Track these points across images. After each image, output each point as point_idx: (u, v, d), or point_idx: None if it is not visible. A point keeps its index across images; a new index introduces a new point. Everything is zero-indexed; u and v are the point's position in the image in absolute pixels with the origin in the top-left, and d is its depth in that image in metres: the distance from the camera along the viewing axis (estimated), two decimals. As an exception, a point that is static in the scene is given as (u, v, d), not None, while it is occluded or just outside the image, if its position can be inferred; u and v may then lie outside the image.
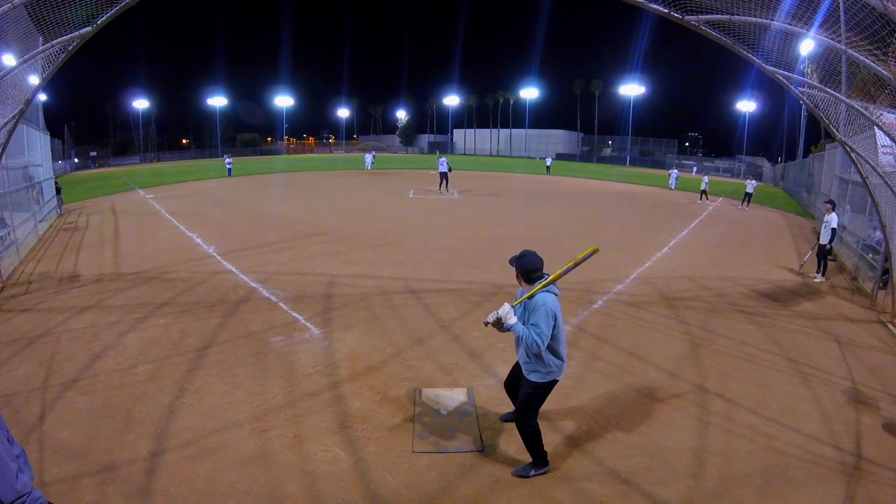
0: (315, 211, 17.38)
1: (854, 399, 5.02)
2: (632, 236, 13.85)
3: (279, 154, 69.52)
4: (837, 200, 13.00)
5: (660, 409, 4.72)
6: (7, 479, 2.26)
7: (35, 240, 12.11)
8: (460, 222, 15.30)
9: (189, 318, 6.76)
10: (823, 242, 9.44)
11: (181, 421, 4.36)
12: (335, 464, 3.84)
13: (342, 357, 5.68)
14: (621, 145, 66.35)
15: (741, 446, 4.18)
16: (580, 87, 73.23)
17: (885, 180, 7.39)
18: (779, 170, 40.48)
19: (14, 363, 5.40)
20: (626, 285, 8.83)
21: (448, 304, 7.56)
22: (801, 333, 6.81)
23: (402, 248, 11.36)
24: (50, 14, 5.86)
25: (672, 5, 5.82)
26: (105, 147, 54.50)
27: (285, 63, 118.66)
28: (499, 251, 10.91)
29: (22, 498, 2.30)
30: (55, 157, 27.81)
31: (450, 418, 4.49)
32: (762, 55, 6.32)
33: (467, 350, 5.92)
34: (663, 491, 3.62)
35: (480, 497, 3.53)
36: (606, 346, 6.16)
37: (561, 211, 18.69)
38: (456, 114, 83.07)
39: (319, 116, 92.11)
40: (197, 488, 3.54)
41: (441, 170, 22.69)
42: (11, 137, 7.78)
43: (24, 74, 7.17)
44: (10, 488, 2.26)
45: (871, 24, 5.34)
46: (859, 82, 6.47)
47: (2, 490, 2.24)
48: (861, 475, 3.84)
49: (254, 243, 11.73)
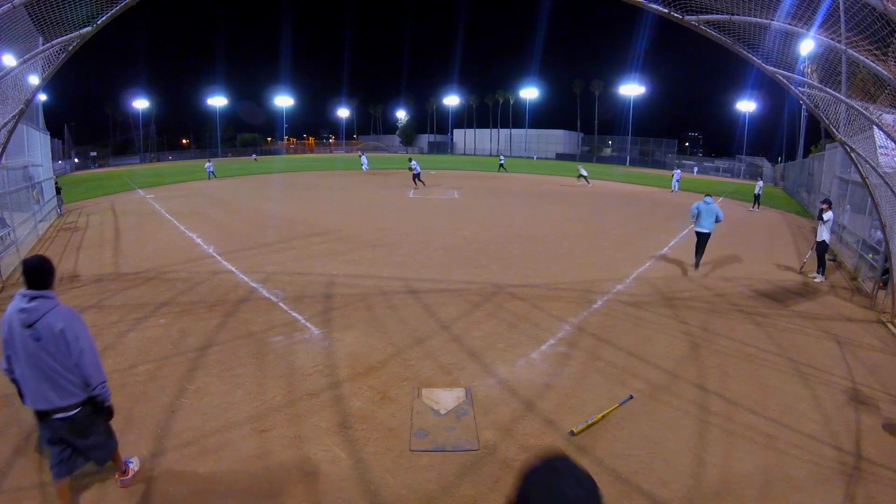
0: (315, 211, 17.38)
1: (854, 399, 5.02)
2: (632, 236, 13.85)
3: (279, 154, 69.51)
4: (837, 200, 13.02)
5: (660, 409, 4.72)
6: (99, 362, 3.11)
7: (35, 240, 12.12)
8: (460, 222, 15.30)
9: (189, 318, 6.76)
10: (822, 239, 9.44)
11: (181, 421, 4.36)
12: (335, 464, 3.84)
13: (342, 357, 5.68)
14: (621, 145, 66.35)
15: (741, 446, 4.19)
16: (580, 87, 73.26)
17: (885, 180, 7.39)
18: (779, 170, 40.47)
19: (14, 363, 5.40)
20: (626, 285, 8.83)
21: (448, 304, 7.56)
22: (801, 333, 6.81)
23: (402, 248, 11.36)
24: (50, 14, 5.85)
25: (672, 5, 5.82)
26: (105, 147, 54.57)
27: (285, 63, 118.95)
28: (499, 251, 10.91)
29: (104, 383, 3.14)
30: (55, 157, 27.82)
31: (448, 418, 4.49)
32: (762, 55, 6.32)
33: (467, 350, 5.93)
34: (663, 491, 3.62)
35: (480, 497, 3.53)
36: (606, 346, 6.16)
37: (561, 211, 18.69)
38: (456, 114, 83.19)
39: (319, 116, 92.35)
40: (197, 488, 3.54)
41: (414, 171, 24.80)
42: (11, 137, 7.77)
43: (24, 74, 7.17)
44: (100, 372, 3.11)
45: (871, 24, 5.35)
46: (859, 82, 6.47)
47: (98, 371, 3.08)
48: (861, 475, 3.84)
49: (254, 243, 11.74)
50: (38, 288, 2.96)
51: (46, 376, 2.94)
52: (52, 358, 2.92)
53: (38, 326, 2.89)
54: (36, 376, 2.94)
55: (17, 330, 2.91)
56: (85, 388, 3.06)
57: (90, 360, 3.02)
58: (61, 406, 3.01)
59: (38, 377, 2.94)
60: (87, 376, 3.03)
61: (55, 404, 2.99)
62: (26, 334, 2.89)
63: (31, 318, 2.89)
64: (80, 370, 3.00)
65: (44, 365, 2.93)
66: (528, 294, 8.07)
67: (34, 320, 2.89)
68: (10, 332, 2.94)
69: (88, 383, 3.05)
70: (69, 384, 3.00)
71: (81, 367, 2.99)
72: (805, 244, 13.03)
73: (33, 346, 2.90)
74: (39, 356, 2.91)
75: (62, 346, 2.92)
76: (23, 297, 2.94)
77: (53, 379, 2.95)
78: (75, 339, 2.95)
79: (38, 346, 2.90)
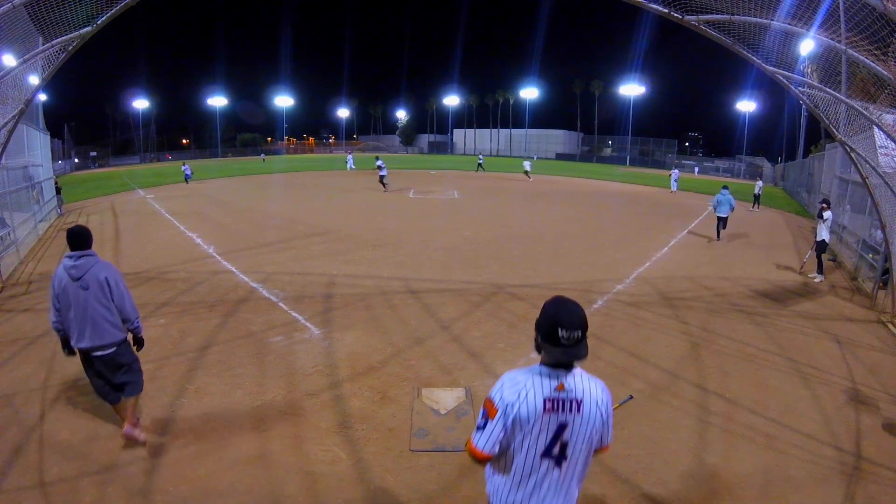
0: (315, 211, 17.38)
1: (854, 399, 5.02)
2: (632, 236, 13.85)
3: (279, 154, 69.51)
4: (837, 200, 13.03)
5: (660, 409, 4.72)
6: (134, 303, 3.86)
7: (35, 240, 12.12)
8: (460, 222, 15.30)
9: (189, 318, 6.76)
10: (821, 238, 9.51)
11: (181, 421, 4.36)
12: (335, 464, 3.84)
13: (342, 357, 5.68)
14: (621, 145, 66.33)
15: (741, 446, 4.18)
16: (580, 87, 73.26)
17: (885, 180, 7.39)
18: (779, 170, 40.47)
19: (14, 363, 5.40)
20: (626, 285, 8.83)
21: (448, 304, 7.56)
22: (801, 333, 6.81)
23: (402, 248, 11.36)
24: (50, 14, 5.85)
25: (672, 5, 5.82)
26: (105, 147, 54.60)
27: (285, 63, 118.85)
28: (499, 251, 10.91)
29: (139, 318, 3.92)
30: (55, 157, 27.81)
31: (448, 418, 4.49)
32: (762, 55, 6.32)
33: (467, 350, 5.93)
34: (663, 491, 3.62)
35: (480, 497, 3.52)
36: (606, 346, 6.16)
37: (561, 211, 18.69)
38: (456, 114, 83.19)
39: (319, 116, 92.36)
40: (197, 488, 3.54)
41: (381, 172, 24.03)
42: (11, 137, 7.78)
43: (24, 74, 7.17)
44: (136, 310, 3.89)
45: (871, 24, 5.34)
46: (859, 82, 6.47)
47: (135, 310, 3.87)
48: (861, 475, 3.84)
49: (254, 243, 11.74)
50: (81, 249, 3.68)
51: (92, 321, 3.63)
52: (98, 303, 3.64)
53: (85, 278, 3.61)
54: (83, 322, 3.63)
55: (68, 284, 3.60)
56: (122, 329, 3.81)
57: (128, 301, 3.80)
58: (101, 345, 3.70)
59: (85, 322, 3.63)
60: (127, 314, 3.80)
61: (97, 343, 3.68)
62: (76, 286, 3.60)
63: (79, 272, 3.60)
64: (120, 310, 3.75)
65: (91, 311, 3.62)
66: (529, 294, 8.07)
67: (81, 274, 3.61)
68: (61, 287, 3.61)
69: (127, 319, 3.81)
70: (110, 326, 3.70)
71: (122, 307, 3.75)
72: (805, 244, 13.03)
73: (82, 295, 3.61)
74: (87, 303, 3.61)
75: (106, 292, 3.67)
76: (70, 258, 3.64)
77: (97, 322, 3.65)
78: (116, 284, 3.72)
79: (87, 294, 3.61)
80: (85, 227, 3.79)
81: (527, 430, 1.86)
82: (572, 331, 1.85)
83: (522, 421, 1.85)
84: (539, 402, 1.85)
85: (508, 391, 1.88)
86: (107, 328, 3.69)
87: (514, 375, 1.93)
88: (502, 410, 1.86)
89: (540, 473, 1.92)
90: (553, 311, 1.89)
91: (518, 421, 1.85)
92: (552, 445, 1.89)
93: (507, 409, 1.85)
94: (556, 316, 1.87)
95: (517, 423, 1.85)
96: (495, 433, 1.86)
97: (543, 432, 1.87)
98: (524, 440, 1.87)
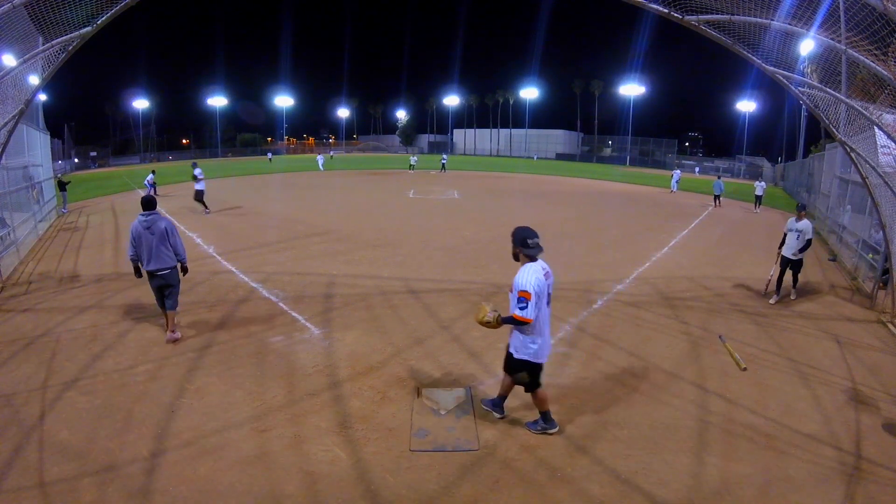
0: (315, 211, 17.38)
1: (854, 399, 5.02)
2: (632, 236, 13.85)
3: (279, 154, 69.48)
4: (837, 200, 13.00)
5: (660, 409, 4.72)
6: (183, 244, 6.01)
7: (35, 240, 12.11)
8: (460, 222, 15.30)
9: (189, 318, 6.75)
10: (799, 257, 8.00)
11: (181, 421, 4.36)
12: (335, 464, 3.84)
13: (342, 357, 5.68)
14: (621, 145, 66.34)
15: (741, 446, 4.18)
16: (580, 87, 73.30)
17: (885, 180, 7.38)
18: (779, 170, 40.47)
19: (14, 363, 5.40)
20: (626, 285, 8.83)
21: (448, 304, 7.56)
22: (801, 333, 6.81)
23: (402, 248, 11.36)
24: (50, 14, 5.86)
25: (672, 5, 5.82)
26: (105, 147, 54.49)
27: (285, 63, 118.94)
28: (499, 251, 10.88)
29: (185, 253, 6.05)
30: (55, 157, 27.74)
31: (448, 418, 4.49)
32: (762, 55, 6.32)
33: (467, 350, 5.93)
34: (663, 491, 3.62)
35: (480, 497, 3.53)
36: (606, 346, 6.16)
37: (561, 211, 18.69)
38: (456, 114, 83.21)
39: (319, 116, 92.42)
40: (197, 488, 3.54)
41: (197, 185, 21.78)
42: (11, 137, 7.77)
43: (24, 74, 7.17)
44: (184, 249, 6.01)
45: (871, 24, 5.34)
46: (859, 82, 6.47)
47: (184, 249, 5.97)
48: (861, 475, 3.84)
49: (253, 243, 11.74)
50: (150, 210, 5.74)
51: (156, 253, 5.69)
52: (159, 242, 5.70)
53: (152, 227, 5.68)
54: (150, 253, 5.68)
55: (142, 231, 5.67)
56: (174, 259, 5.84)
57: (180, 243, 5.90)
58: (162, 267, 5.73)
59: (151, 253, 5.68)
60: (179, 251, 5.88)
61: (159, 265, 5.72)
62: (147, 233, 5.67)
63: (148, 224, 5.68)
64: (174, 247, 5.81)
65: (155, 247, 5.68)
66: (528, 294, 8.05)
67: (150, 225, 5.68)
68: (137, 233, 5.69)
69: (178, 253, 5.86)
70: (166, 257, 5.75)
71: (175, 246, 5.83)
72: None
73: (150, 237, 5.66)
74: (153, 243, 5.67)
75: (166, 236, 5.74)
76: (143, 216, 5.70)
77: (159, 253, 5.71)
78: (172, 232, 5.82)
79: (153, 237, 5.67)
80: (152, 197, 5.86)
81: (542, 293, 3.81)
82: (535, 238, 3.89)
83: (541, 291, 3.80)
84: (542, 277, 3.84)
85: (532, 280, 3.77)
86: (164, 257, 5.72)
87: (526, 272, 3.83)
88: (534, 292, 3.73)
89: (544, 313, 3.93)
90: (522, 232, 3.92)
91: (539, 292, 3.77)
92: (548, 296, 3.92)
93: (535, 290, 3.75)
94: (524, 233, 3.91)
95: (539, 293, 3.77)
96: (533, 305, 3.73)
97: (545, 291, 3.87)
98: (540, 299, 3.81)
